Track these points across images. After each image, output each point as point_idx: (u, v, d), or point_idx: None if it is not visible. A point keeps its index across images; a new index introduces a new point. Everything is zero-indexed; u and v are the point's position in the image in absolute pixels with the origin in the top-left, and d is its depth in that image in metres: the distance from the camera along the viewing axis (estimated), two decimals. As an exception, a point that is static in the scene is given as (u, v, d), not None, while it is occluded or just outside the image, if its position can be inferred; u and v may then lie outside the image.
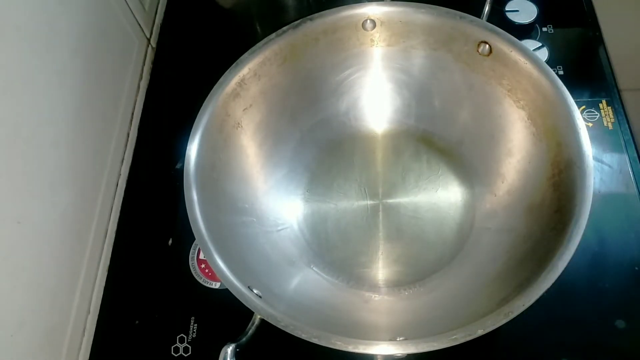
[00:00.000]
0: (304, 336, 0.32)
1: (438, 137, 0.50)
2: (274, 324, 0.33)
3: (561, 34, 0.58)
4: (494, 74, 0.44)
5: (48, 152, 0.42)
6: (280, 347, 0.43)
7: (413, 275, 0.44)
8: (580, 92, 0.53)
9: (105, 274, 0.49)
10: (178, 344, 0.44)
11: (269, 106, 0.46)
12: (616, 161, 0.49)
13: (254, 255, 0.42)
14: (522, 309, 0.32)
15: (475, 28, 0.43)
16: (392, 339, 0.33)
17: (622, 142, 0.50)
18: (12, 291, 0.37)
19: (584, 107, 0.52)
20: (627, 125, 0.51)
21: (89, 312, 0.46)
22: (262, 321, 0.35)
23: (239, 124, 0.44)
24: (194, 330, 0.45)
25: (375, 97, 0.50)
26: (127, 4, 0.55)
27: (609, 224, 0.46)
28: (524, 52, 0.41)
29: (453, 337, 0.31)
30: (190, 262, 0.48)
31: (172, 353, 0.44)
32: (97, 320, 0.47)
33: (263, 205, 0.46)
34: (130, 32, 0.56)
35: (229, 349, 0.34)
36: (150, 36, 0.61)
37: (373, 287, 0.44)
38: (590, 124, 0.51)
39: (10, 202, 0.37)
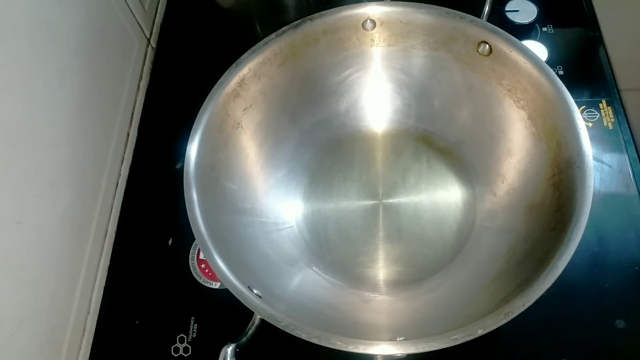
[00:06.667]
0: (304, 336, 0.32)
1: (438, 137, 0.50)
2: (274, 324, 0.33)
3: (561, 34, 0.58)
4: (494, 74, 0.44)
5: (48, 152, 0.42)
6: (280, 347, 0.43)
7: (413, 275, 0.44)
8: (580, 92, 0.53)
9: (105, 274, 0.49)
10: (178, 344, 0.44)
11: (269, 106, 0.46)
12: (616, 161, 0.49)
13: (254, 255, 0.42)
14: (522, 309, 0.32)
15: (475, 28, 0.43)
16: (392, 339, 0.33)
17: (622, 142, 0.50)
18: (12, 291, 0.37)
19: (584, 107, 0.52)
20: (627, 125, 0.51)
21: (89, 312, 0.46)
22: (262, 321, 0.35)
23: (239, 124, 0.44)
24: (194, 330, 0.45)
25: (375, 97, 0.50)
26: (127, 4, 0.55)
27: (609, 224, 0.46)
28: (524, 52, 0.41)
29: (453, 337, 0.31)
30: (190, 262, 0.48)
31: (172, 353, 0.44)
32: (97, 320, 0.47)
33: (263, 205, 0.46)
34: (130, 32, 0.56)
35: (229, 349, 0.34)
36: (150, 36, 0.61)
37: (373, 287, 0.44)
38: (590, 124, 0.51)
39: (10, 202, 0.37)
